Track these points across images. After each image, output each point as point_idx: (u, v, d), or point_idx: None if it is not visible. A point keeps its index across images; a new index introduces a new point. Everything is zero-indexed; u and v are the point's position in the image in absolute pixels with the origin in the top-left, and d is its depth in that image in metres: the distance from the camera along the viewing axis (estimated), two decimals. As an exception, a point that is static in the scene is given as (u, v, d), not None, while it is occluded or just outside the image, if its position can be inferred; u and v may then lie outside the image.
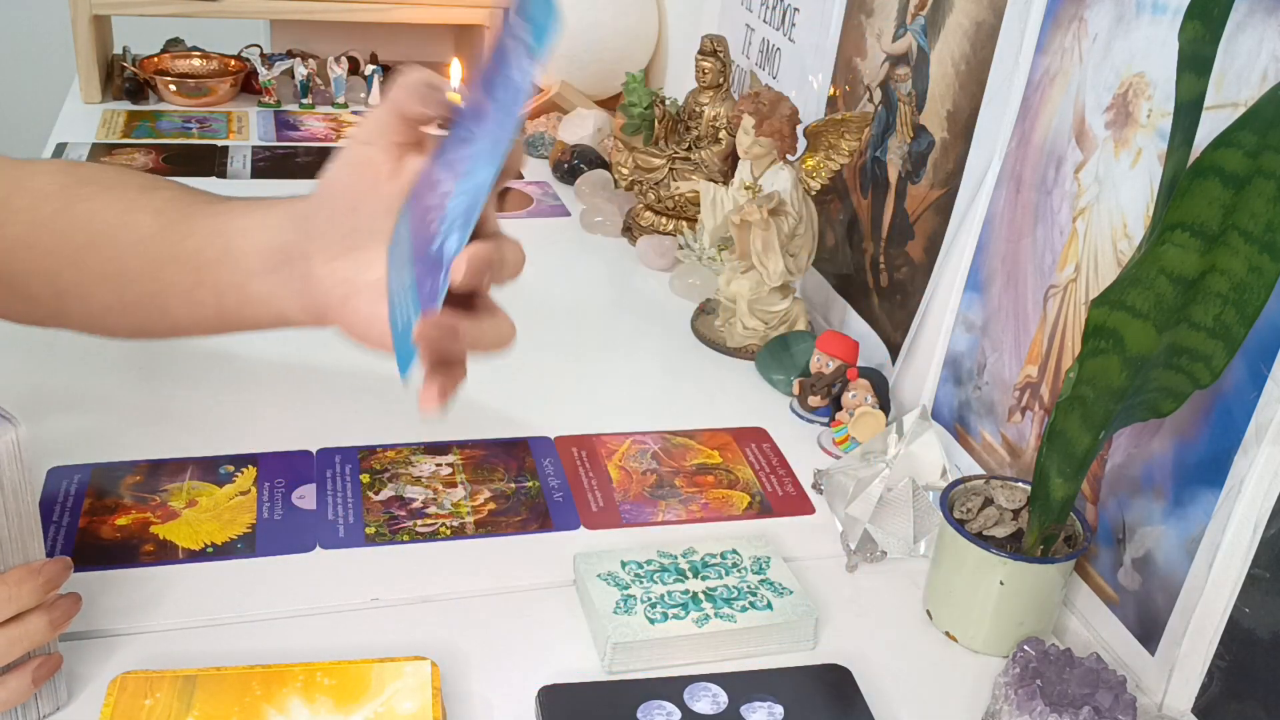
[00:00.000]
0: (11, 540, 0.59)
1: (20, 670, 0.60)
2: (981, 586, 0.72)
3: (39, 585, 0.60)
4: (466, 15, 1.69)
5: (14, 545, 0.59)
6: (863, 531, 0.81)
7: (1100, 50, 0.77)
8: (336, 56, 1.68)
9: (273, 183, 1.39)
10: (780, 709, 0.66)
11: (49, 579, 0.61)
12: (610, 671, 0.69)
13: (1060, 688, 0.65)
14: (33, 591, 0.60)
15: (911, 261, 1.00)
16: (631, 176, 1.34)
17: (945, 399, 0.93)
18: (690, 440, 0.94)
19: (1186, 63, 0.56)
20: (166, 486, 0.82)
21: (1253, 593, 0.63)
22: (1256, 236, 0.56)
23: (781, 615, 0.72)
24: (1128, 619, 0.71)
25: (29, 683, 0.61)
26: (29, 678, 0.61)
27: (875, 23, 1.08)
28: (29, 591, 0.59)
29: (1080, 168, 0.79)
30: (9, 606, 0.59)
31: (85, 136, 1.47)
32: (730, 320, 1.09)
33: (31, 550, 0.60)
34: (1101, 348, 0.61)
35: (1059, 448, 0.66)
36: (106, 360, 0.98)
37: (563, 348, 1.07)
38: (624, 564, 0.75)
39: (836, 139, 1.04)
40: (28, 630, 0.60)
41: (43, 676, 0.61)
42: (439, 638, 0.71)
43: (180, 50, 1.70)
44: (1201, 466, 0.66)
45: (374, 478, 0.85)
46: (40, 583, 0.60)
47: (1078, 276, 0.78)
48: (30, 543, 0.60)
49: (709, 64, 1.22)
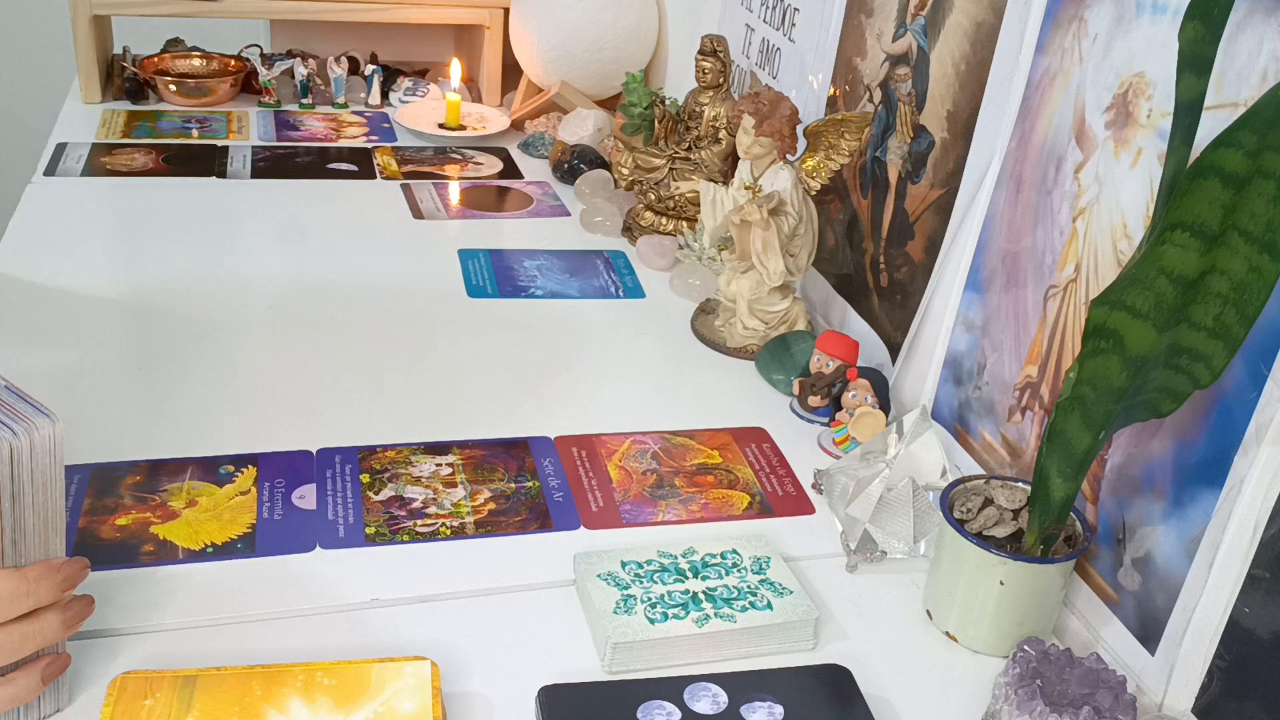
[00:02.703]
0: (36, 533, 0.59)
1: (30, 668, 0.60)
2: (981, 586, 0.72)
3: (57, 583, 0.60)
4: (466, 15, 1.69)
5: (37, 539, 0.59)
6: (863, 531, 0.81)
7: (1100, 50, 0.77)
8: (336, 56, 1.68)
9: (273, 183, 1.39)
10: (780, 709, 0.66)
11: (67, 578, 0.61)
12: (610, 671, 0.69)
13: (1060, 688, 0.65)
14: (51, 589, 0.60)
15: (911, 261, 1.00)
16: (631, 176, 1.34)
17: (945, 399, 0.93)
18: (690, 440, 0.94)
19: (1186, 63, 0.56)
20: (166, 486, 0.82)
21: (1253, 593, 0.63)
22: (1256, 236, 0.56)
23: (781, 615, 0.72)
24: (1128, 619, 0.71)
25: (38, 680, 0.61)
26: (38, 675, 0.61)
27: (875, 23, 1.08)
28: (47, 589, 0.59)
29: (1080, 168, 0.79)
30: (27, 601, 0.59)
31: (85, 136, 1.47)
32: (730, 320, 1.09)
33: (53, 546, 0.60)
34: (1101, 348, 0.61)
35: (1059, 448, 0.66)
36: (107, 360, 0.98)
37: (563, 348, 1.07)
38: (624, 564, 0.75)
39: (836, 139, 1.04)
40: (41, 628, 0.60)
41: (52, 675, 0.61)
42: (439, 638, 0.71)
43: (180, 50, 1.70)
44: (1201, 466, 0.66)
45: (374, 478, 0.85)
46: (58, 580, 0.60)
47: (1078, 276, 0.78)
48: (53, 539, 0.60)
49: (709, 64, 1.22)
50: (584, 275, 1.22)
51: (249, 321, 1.07)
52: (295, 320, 1.07)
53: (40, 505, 0.58)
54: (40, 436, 0.57)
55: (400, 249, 1.25)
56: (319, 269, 1.18)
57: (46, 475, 0.58)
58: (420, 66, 1.86)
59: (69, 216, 1.25)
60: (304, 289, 1.14)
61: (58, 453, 0.58)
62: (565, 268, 1.24)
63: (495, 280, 1.19)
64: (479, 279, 1.19)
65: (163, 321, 1.05)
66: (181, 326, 1.04)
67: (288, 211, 1.32)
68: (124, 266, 1.16)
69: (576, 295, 1.18)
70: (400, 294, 1.15)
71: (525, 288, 1.18)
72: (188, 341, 1.01)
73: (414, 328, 1.08)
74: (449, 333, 1.08)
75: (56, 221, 1.23)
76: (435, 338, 1.07)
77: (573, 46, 1.56)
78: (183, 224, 1.26)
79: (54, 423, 0.57)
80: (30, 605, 0.59)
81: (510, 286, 1.18)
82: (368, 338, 1.05)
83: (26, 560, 0.59)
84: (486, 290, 1.16)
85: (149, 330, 1.04)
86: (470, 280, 1.18)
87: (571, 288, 1.19)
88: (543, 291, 1.18)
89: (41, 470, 0.58)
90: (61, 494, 0.59)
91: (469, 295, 1.15)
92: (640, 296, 1.19)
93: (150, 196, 1.32)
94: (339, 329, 1.06)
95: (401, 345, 1.05)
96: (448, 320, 1.10)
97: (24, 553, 0.59)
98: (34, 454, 0.57)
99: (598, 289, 1.19)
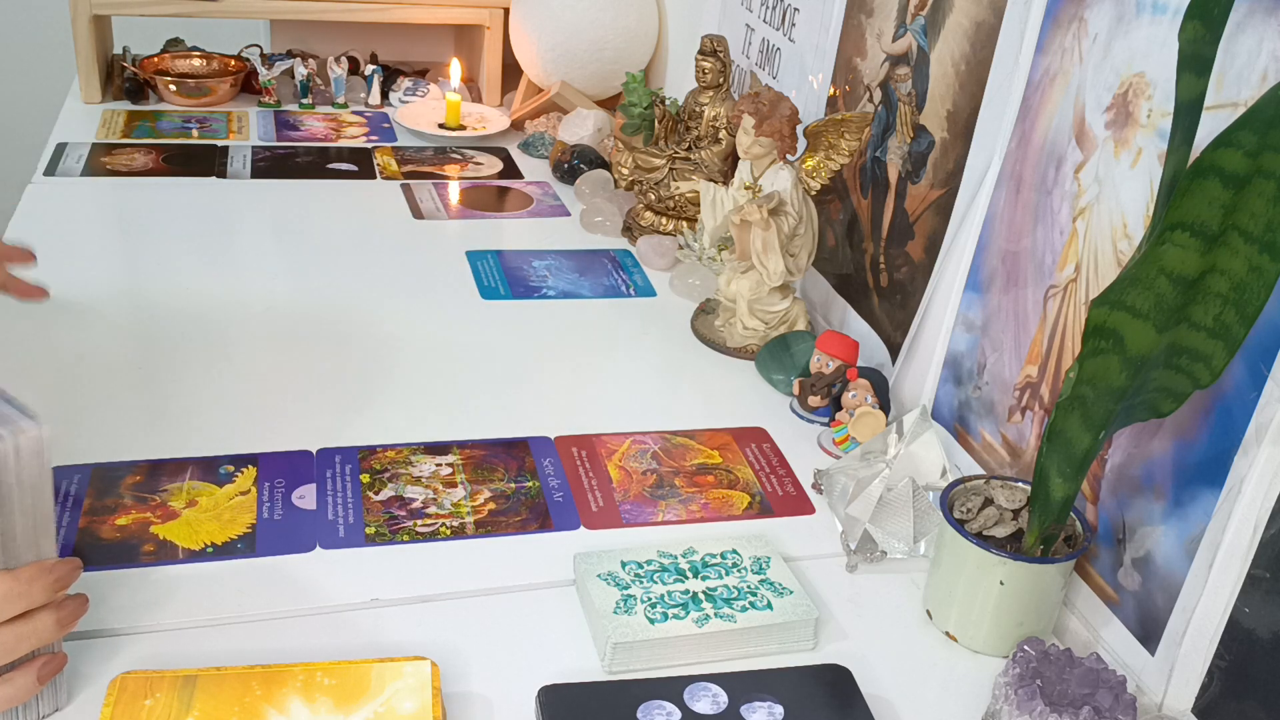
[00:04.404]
0: (25, 536, 0.59)
1: (26, 668, 0.60)
2: (981, 586, 0.72)
3: (50, 584, 0.60)
4: (466, 15, 1.69)
5: (28, 541, 0.59)
6: (863, 531, 0.81)
7: (1100, 50, 0.77)
8: (336, 56, 1.68)
9: (273, 183, 1.39)
10: (780, 709, 0.66)
11: (60, 578, 0.61)
12: (610, 671, 0.69)
13: (1060, 688, 0.65)
14: (44, 589, 0.60)
15: (911, 261, 1.00)
16: (631, 176, 1.34)
17: (945, 399, 0.93)
18: (690, 440, 0.94)
19: (1186, 63, 0.56)
20: (166, 486, 0.82)
21: (1253, 593, 0.63)
22: (1256, 236, 0.56)
23: (781, 615, 0.72)
24: (1128, 619, 0.71)
25: (34, 680, 0.61)
26: (34, 675, 0.61)
27: (875, 23, 1.08)
28: (40, 589, 0.59)
29: (1080, 168, 0.79)
30: (19, 603, 0.59)
31: (85, 136, 1.47)
32: (730, 320, 1.09)
33: (44, 548, 0.60)
34: (1101, 348, 0.61)
35: (1059, 448, 0.66)
36: (107, 360, 0.98)
37: (563, 348, 1.07)
38: (624, 564, 0.75)
39: (836, 139, 1.04)
40: (36, 628, 0.60)
41: (48, 675, 0.61)
42: (439, 638, 0.71)
43: (180, 50, 1.70)
44: (1201, 466, 0.66)
45: (374, 478, 0.85)
46: (51, 581, 0.60)
47: (1078, 276, 0.78)
48: (43, 541, 0.60)
49: (709, 64, 1.22)
50: (594, 275, 1.22)
51: (249, 321, 1.07)
52: (295, 320, 1.07)
53: (29, 508, 0.58)
54: (27, 440, 0.57)
55: (401, 249, 1.25)
56: (319, 269, 1.18)
57: (34, 478, 0.58)
58: (420, 66, 1.87)
59: (69, 216, 1.25)
60: (304, 289, 1.14)
61: (45, 456, 0.58)
62: (575, 267, 1.24)
63: (507, 282, 1.19)
64: (490, 280, 1.19)
65: (162, 321, 1.05)
66: (181, 326, 1.04)
67: (288, 212, 1.32)
68: (124, 266, 1.16)
69: (589, 295, 1.18)
70: (405, 294, 1.14)
71: (537, 288, 1.18)
72: (188, 341, 1.01)
73: (414, 328, 1.08)
74: (452, 333, 1.08)
75: (56, 221, 1.23)
76: (436, 338, 1.07)
77: (573, 46, 1.57)
78: (183, 224, 1.26)
79: (40, 426, 0.57)
80: (24, 606, 0.59)
81: (522, 288, 1.18)
82: (368, 337, 1.05)
83: (18, 563, 0.59)
84: (499, 292, 1.16)
85: (149, 330, 1.04)
86: (482, 282, 1.18)
87: (583, 287, 1.19)
88: (554, 292, 1.18)
89: (29, 473, 0.57)
90: (50, 497, 0.59)
91: (482, 297, 1.15)
92: (652, 295, 1.20)
93: (150, 196, 1.32)
94: (339, 329, 1.06)
95: (402, 345, 1.05)
96: (462, 322, 1.10)
97: (15, 555, 0.59)
98: (20, 457, 0.57)
99: (608, 288, 1.20)
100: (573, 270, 1.23)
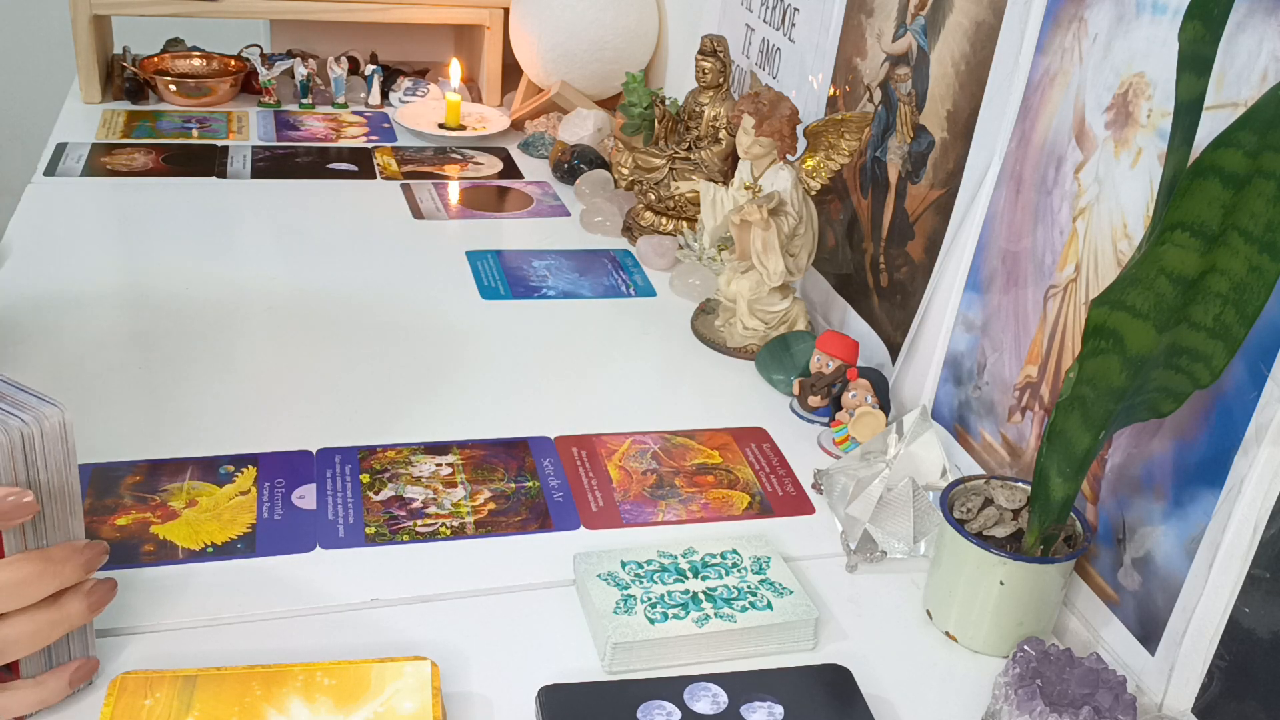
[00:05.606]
0: (55, 518, 0.60)
1: (59, 671, 0.61)
2: (981, 586, 0.72)
3: (81, 564, 0.60)
4: (466, 15, 1.69)
5: (56, 523, 0.60)
6: (863, 531, 0.81)
7: (1100, 50, 0.77)
8: (336, 56, 1.68)
9: (273, 183, 1.39)
10: (780, 709, 0.66)
11: (89, 559, 0.61)
12: (610, 671, 0.69)
13: (1060, 688, 0.65)
14: (75, 570, 0.60)
15: (911, 261, 1.00)
16: (631, 176, 1.34)
17: (945, 399, 0.93)
18: (690, 440, 0.94)
19: (1186, 63, 0.56)
20: (166, 486, 0.82)
21: (1253, 593, 0.63)
22: (1256, 236, 0.56)
23: (781, 615, 0.72)
24: (1128, 619, 0.71)
25: (66, 683, 0.61)
26: (66, 678, 0.61)
27: (875, 23, 1.08)
28: (72, 569, 0.60)
29: (1080, 168, 0.79)
30: (53, 581, 0.59)
31: (85, 136, 1.47)
32: (730, 320, 1.09)
33: (73, 529, 0.61)
34: (1101, 348, 0.61)
35: (1059, 448, 0.66)
36: (107, 361, 0.98)
37: (563, 348, 1.07)
38: (624, 564, 0.75)
39: (836, 139, 1.04)
40: (68, 613, 0.60)
41: (80, 679, 0.62)
42: (439, 638, 0.71)
43: (180, 50, 1.70)
44: (1201, 466, 0.66)
45: (374, 478, 0.85)
46: (82, 561, 0.60)
47: (1078, 276, 0.78)
48: (72, 523, 0.61)
49: (709, 64, 1.22)
50: (594, 275, 1.22)
51: (249, 321, 1.07)
52: (295, 320, 1.07)
53: (57, 491, 0.59)
54: (50, 425, 0.58)
55: (401, 249, 1.25)
56: (319, 269, 1.18)
57: (60, 462, 0.59)
58: (420, 66, 1.87)
59: (69, 216, 1.25)
60: (304, 289, 1.14)
61: (69, 439, 0.59)
62: (575, 267, 1.24)
63: (507, 282, 1.19)
64: (490, 280, 1.19)
65: (163, 321, 1.05)
66: (181, 326, 1.04)
67: (288, 211, 1.32)
68: (124, 266, 1.16)
69: (589, 295, 1.18)
70: (405, 294, 1.15)
71: (537, 288, 1.18)
72: (188, 341, 1.01)
73: (415, 328, 1.08)
74: (452, 333, 1.08)
75: (57, 221, 1.23)
76: (437, 338, 1.07)
77: (573, 46, 1.57)
78: (183, 224, 1.26)
79: (62, 411, 0.59)
80: (56, 586, 0.59)
81: (522, 288, 1.18)
82: (368, 338, 1.05)
83: (48, 544, 0.60)
84: (499, 292, 1.16)
85: (149, 330, 1.04)
86: (482, 282, 1.18)
87: (583, 287, 1.19)
88: (555, 292, 1.18)
89: (55, 456, 0.59)
90: (76, 479, 0.60)
91: (482, 297, 1.15)
92: (652, 295, 1.19)
93: (150, 196, 1.32)
94: (339, 329, 1.06)
95: (402, 345, 1.05)
96: (461, 322, 1.10)
97: (44, 535, 0.60)
98: (45, 441, 0.58)
99: (608, 288, 1.20)
100: (573, 270, 1.23)
